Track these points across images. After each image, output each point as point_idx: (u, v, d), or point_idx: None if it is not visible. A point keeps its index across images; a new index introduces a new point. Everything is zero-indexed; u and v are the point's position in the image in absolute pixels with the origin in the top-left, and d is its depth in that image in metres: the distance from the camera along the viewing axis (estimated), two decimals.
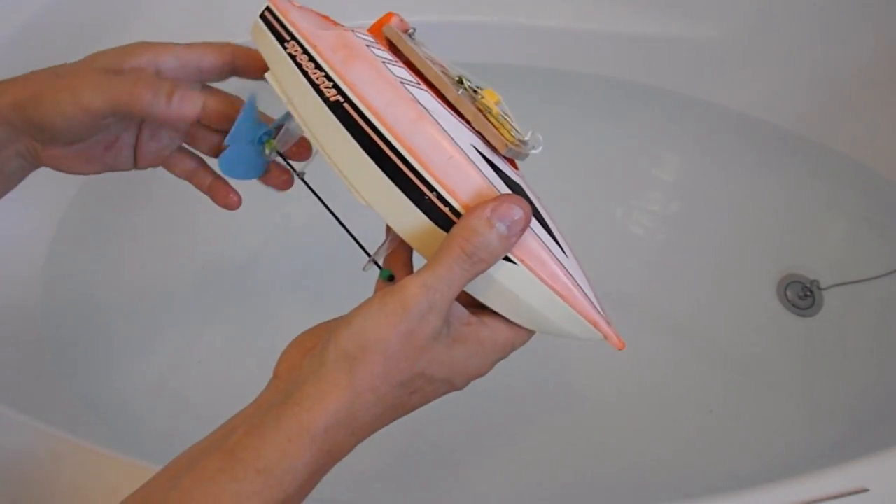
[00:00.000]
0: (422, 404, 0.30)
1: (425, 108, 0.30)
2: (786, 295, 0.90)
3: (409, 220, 0.30)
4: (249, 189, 0.44)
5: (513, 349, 0.33)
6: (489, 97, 0.32)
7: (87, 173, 0.39)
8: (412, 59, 0.34)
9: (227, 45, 0.38)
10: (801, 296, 0.90)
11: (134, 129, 0.39)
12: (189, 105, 0.34)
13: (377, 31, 0.36)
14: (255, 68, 0.37)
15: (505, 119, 0.32)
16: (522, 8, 0.86)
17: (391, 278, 0.34)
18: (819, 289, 0.89)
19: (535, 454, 0.77)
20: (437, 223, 0.30)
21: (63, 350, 0.65)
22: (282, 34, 0.34)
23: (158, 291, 0.79)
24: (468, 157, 0.30)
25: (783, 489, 0.44)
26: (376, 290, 0.33)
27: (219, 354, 0.78)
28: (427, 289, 0.28)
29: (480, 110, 0.32)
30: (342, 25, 0.37)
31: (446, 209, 0.30)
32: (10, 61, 0.66)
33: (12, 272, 0.67)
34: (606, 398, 0.81)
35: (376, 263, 0.34)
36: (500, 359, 0.32)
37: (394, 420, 0.30)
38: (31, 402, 0.53)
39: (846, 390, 0.81)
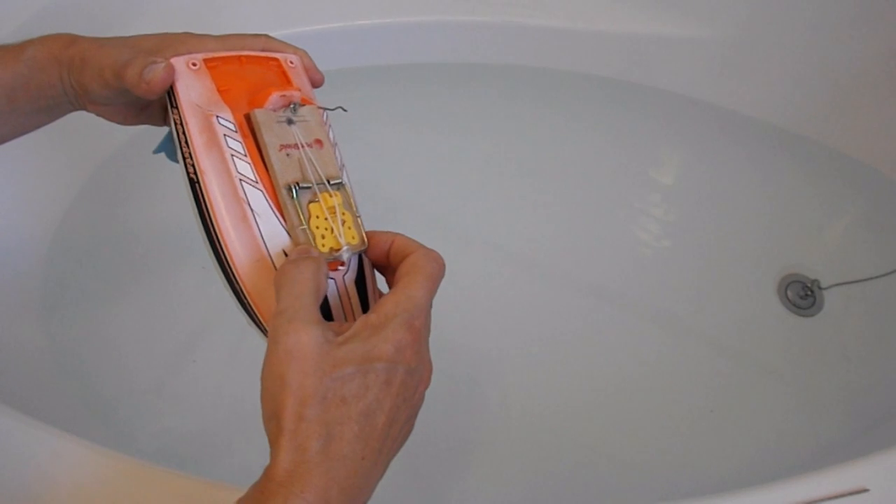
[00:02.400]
0: (372, 409, 0.30)
1: (251, 210, 0.35)
2: (786, 295, 0.90)
3: (229, 289, 0.36)
4: None
5: (414, 301, 0.32)
6: (324, 202, 0.36)
7: (125, 125, 0.43)
8: (263, 152, 0.36)
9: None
10: (802, 296, 0.90)
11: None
12: (152, 72, 0.36)
13: (253, 105, 0.38)
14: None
15: (334, 223, 0.36)
16: (522, 8, 0.86)
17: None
18: (819, 288, 0.89)
19: (532, 452, 0.77)
20: (246, 313, 0.36)
21: (63, 350, 0.65)
22: (172, 99, 0.37)
23: (158, 291, 0.79)
24: (272, 262, 0.35)
25: (784, 489, 0.44)
26: None
27: (217, 354, 0.78)
28: (279, 314, 0.30)
29: (308, 214, 0.36)
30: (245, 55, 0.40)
31: (246, 302, 0.35)
32: None
33: (13, 273, 0.67)
34: (606, 398, 0.81)
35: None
36: (409, 319, 0.31)
37: (358, 439, 0.29)
38: (31, 402, 0.53)
39: (846, 390, 0.81)
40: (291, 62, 0.41)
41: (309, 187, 0.36)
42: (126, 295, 0.76)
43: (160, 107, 0.43)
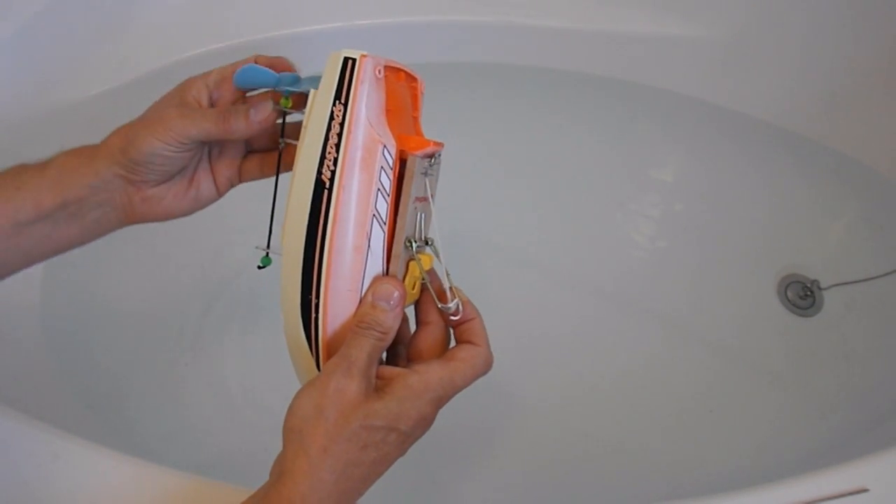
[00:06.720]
0: (380, 459, 0.34)
1: (369, 246, 0.35)
2: (786, 295, 0.90)
3: (291, 301, 0.36)
4: (258, 202, 0.44)
5: (453, 386, 0.35)
6: (422, 261, 0.37)
7: (179, 215, 0.43)
8: (401, 199, 0.37)
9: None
10: (802, 296, 0.90)
11: (206, 159, 0.43)
12: (263, 112, 0.39)
13: (408, 147, 0.37)
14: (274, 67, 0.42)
15: (426, 282, 0.37)
16: (522, 8, 0.86)
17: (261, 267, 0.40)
18: (819, 289, 0.89)
19: (534, 451, 0.77)
20: (303, 320, 0.36)
21: (63, 350, 0.65)
22: (342, 91, 0.35)
23: (159, 293, 0.79)
24: (360, 299, 0.35)
25: (783, 489, 0.44)
26: None
27: (215, 355, 0.78)
28: (341, 357, 0.34)
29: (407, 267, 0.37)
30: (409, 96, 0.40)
31: (313, 316, 0.35)
32: (11, 60, 0.66)
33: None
34: (606, 397, 0.81)
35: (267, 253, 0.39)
36: (441, 397, 0.35)
37: (361, 481, 0.33)
38: (31, 402, 0.53)
39: (846, 390, 0.81)
40: (422, 90, 0.41)
41: (420, 246, 0.37)
42: (126, 295, 0.76)
43: (207, 171, 0.43)
